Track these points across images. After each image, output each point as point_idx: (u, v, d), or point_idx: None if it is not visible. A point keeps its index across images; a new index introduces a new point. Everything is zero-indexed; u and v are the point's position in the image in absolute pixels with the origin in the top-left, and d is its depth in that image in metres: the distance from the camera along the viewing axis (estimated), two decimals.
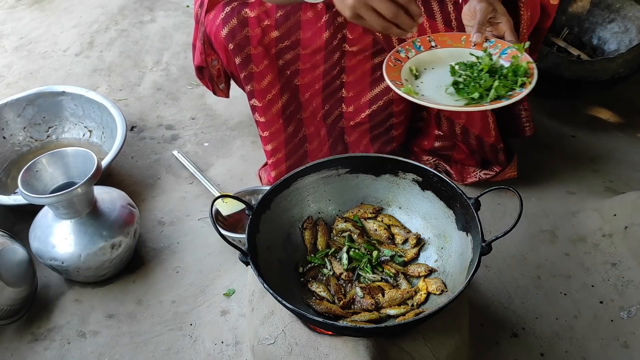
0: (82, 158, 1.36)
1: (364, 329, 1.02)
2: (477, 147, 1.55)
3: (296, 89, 1.44)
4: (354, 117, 1.54)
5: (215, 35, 1.34)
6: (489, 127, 1.49)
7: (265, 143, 1.49)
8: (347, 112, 1.52)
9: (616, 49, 2.02)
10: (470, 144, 1.55)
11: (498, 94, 1.09)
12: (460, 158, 1.64)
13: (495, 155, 1.56)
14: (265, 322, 1.11)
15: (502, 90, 1.09)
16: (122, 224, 1.38)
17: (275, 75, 1.38)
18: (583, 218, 1.54)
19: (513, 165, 1.61)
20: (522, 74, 1.11)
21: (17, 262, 1.33)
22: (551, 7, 1.40)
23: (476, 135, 1.52)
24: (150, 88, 2.14)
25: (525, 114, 1.50)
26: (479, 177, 1.63)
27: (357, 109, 1.52)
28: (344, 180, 1.27)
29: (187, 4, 2.65)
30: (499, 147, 1.53)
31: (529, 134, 1.54)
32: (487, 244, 1.02)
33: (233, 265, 1.46)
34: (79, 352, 1.30)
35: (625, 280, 1.38)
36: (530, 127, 1.53)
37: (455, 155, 1.64)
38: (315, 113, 1.50)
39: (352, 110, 1.51)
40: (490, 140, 1.52)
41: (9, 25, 2.56)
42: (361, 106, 1.52)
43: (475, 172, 1.64)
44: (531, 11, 1.36)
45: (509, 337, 1.29)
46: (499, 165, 1.60)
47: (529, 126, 1.53)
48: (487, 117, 1.47)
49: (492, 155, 1.56)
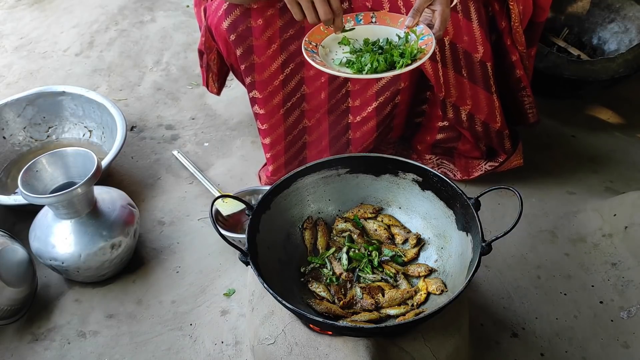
0: (82, 158, 1.36)
1: (364, 329, 1.02)
2: (483, 134, 1.53)
3: (301, 80, 1.43)
4: (360, 112, 1.52)
5: (217, 26, 1.33)
6: (495, 112, 1.48)
7: (264, 136, 1.48)
8: (354, 106, 1.51)
9: (616, 49, 2.02)
10: (477, 130, 1.53)
11: (377, 68, 1.13)
12: (465, 149, 1.62)
13: (501, 141, 1.54)
14: (265, 322, 1.11)
15: (382, 65, 1.13)
16: (122, 224, 1.38)
17: (278, 66, 1.37)
18: (583, 218, 1.54)
19: (518, 152, 1.59)
20: (409, 56, 1.13)
21: (17, 262, 1.33)
22: (545, 1, 1.40)
23: (482, 122, 1.50)
24: (150, 88, 2.14)
25: (528, 100, 1.49)
26: (484, 169, 1.62)
27: (363, 103, 1.50)
28: (344, 180, 1.27)
29: (187, 4, 2.65)
30: (505, 132, 1.52)
31: (532, 120, 1.52)
32: (487, 244, 1.02)
33: (233, 265, 1.46)
34: (79, 352, 1.30)
35: (625, 280, 1.38)
36: (534, 114, 1.52)
37: (460, 147, 1.62)
38: (319, 106, 1.49)
39: (359, 104, 1.50)
40: (496, 127, 1.51)
41: (9, 25, 2.56)
42: (367, 99, 1.50)
43: (481, 164, 1.63)
44: (523, 4, 1.36)
45: (509, 337, 1.29)
46: (504, 154, 1.59)
47: (532, 112, 1.51)
48: (493, 102, 1.46)
49: (498, 141, 1.55)
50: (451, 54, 1.38)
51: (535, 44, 1.49)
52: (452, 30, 1.34)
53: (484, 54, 1.37)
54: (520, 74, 1.47)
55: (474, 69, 1.40)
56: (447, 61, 1.40)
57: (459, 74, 1.42)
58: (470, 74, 1.42)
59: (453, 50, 1.37)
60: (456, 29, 1.34)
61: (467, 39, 1.35)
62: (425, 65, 1.40)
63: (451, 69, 1.41)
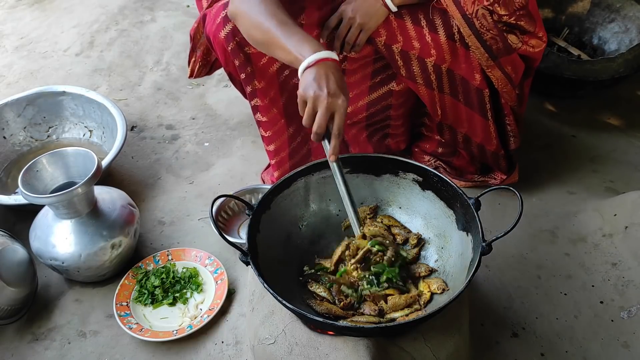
0: (82, 158, 1.36)
1: (364, 329, 1.02)
2: (478, 154, 1.56)
3: (295, 87, 1.44)
4: (351, 118, 1.54)
5: (215, 35, 1.33)
6: (490, 136, 1.49)
7: (267, 143, 1.48)
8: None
9: (616, 49, 2.02)
10: (472, 151, 1.56)
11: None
12: (460, 164, 1.64)
13: (496, 161, 1.56)
14: (266, 322, 1.11)
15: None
16: (123, 224, 1.38)
17: (275, 72, 1.37)
18: (583, 218, 1.54)
19: (515, 173, 1.60)
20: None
21: (17, 262, 1.33)
22: (536, 55, 1.39)
23: (478, 144, 1.52)
24: (150, 88, 2.14)
25: (511, 128, 1.49)
26: (478, 182, 1.64)
27: (355, 111, 1.52)
28: None
29: (187, 3, 2.65)
30: (500, 154, 1.54)
31: (512, 147, 1.54)
32: (488, 244, 1.02)
33: (233, 265, 1.46)
34: (79, 352, 1.30)
35: (625, 280, 1.38)
36: (515, 142, 1.52)
37: (455, 162, 1.64)
38: None
39: (350, 112, 1.51)
40: (491, 148, 1.52)
41: (10, 25, 2.56)
42: (359, 109, 1.52)
43: (474, 178, 1.64)
44: (511, 65, 1.36)
45: (509, 337, 1.29)
46: (499, 172, 1.60)
47: (513, 140, 1.52)
48: (488, 127, 1.47)
49: (493, 161, 1.57)
50: (448, 79, 1.39)
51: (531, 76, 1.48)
52: (449, 57, 1.34)
53: (480, 82, 1.38)
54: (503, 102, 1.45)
55: (471, 95, 1.41)
56: (444, 87, 1.41)
57: (456, 98, 1.43)
58: (466, 100, 1.43)
59: (450, 77, 1.39)
60: (454, 57, 1.34)
61: (464, 66, 1.36)
62: (421, 91, 1.41)
63: (448, 94, 1.42)
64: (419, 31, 1.32)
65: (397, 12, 1.31)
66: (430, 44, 1.33)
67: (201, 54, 1.56)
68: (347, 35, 1.32)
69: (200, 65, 1.58)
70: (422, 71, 1.37)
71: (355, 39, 1.32)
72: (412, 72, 1.38)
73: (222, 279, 1.39)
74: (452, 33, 1.31)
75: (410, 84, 1.41)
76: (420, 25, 1.31)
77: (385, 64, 1.43)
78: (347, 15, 1.30)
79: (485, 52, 1.32)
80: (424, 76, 1.38)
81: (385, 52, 1.36)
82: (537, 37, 1.37)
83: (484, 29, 1.30)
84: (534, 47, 1.37)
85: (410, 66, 1.37)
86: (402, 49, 1.34)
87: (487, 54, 1.32)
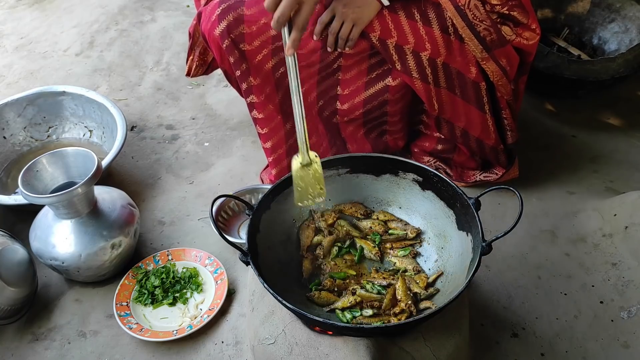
0: (82, 158, 1.36)
1: (365, 329, 1.02)
2: (478, 149, 1.55)
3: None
4: (347, 114, 1.54)
5: (210, 32, 1.33)
6: (488, 129, 1.49)
7: (264, 140, 1.48)
8: (342, 109, 1.52)
9: (616, 49, 2.02)
10: (471, 146, 1.55)
11: None
12: (461, 161, 1.64)
13: (495, 156, 1.56)
14: (266, 322, 1.11)
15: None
16: (123, 224, 1.38)
17: (269, 69, 1.37)
18: (583, 218, 1.54)
19: (515, 167, 1.61)
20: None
21: (17, 262, 1.33)
22: (530, 47, 1.40)
23: (476, 138, 1.52)
24: (150, 88, 2.14)
25: (507, 122, 1.50)
26: (479, 179, 1.64)
27: (351, 108, 1.52)
28: (344, 180, 1.27)
29: (187, 3, 2.66)
30: (499, 148, 1.54)
31: (510, 141, 1.54)
32: (488, 244, 1.02)
33: (233, 265, 1.46)
34: (79, 351, 1.30)
35: (625, 280, 1.38)
36: (512, 136, 1.53)
37: (456, 158, 1.64)
38: (310, 108, 1.50)
39: (346, 108, 1.51)
40: (490, 143, 1.52)
41: (9, 25, 2.56)
42: (355, 105, 1.52)
43: (475, 174, 1.64)
44: (506, 58, 1.37)
45: (509, 337, 1.29)
46: (499, 167, 1.60)
47: (511, 134, 1.52)
48: (486, 121, 1.47)
49: (492, 156, 1.57)
50: (444, 73, 1.39)
51: (526, 73, 1.49)
52: (444, 51, 1.34)
53: (476, 75, 1.38)
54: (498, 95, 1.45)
55: (467, 89, 1.41)
56: (439, 81, 1.41)
57: (452, 92, 1.43)
58: (463, 93, 1.43)
59: (446, 70, 1.39)
60: (448, 50, 1.35)
61: (459, 59, 1.36)
62: (417, 85, 1.41)
63: (444, 88, 1.42)
64: (413, 25, 1.32)
65: (390, 6, 1.31)
66: (424, 38, 1.33)
67: (199, 53, 1.56)
68: (340, 30, 1.32)
69: (197, 65, 1.59)
70: (418, 65, 1.37)
71: (348, 33, 1.32)
72: (407, 66, 1.38)
73: (222, 279, 1.39)
74: (446, 26, 1.31)
75: (406, 78, 1.41)
76: (414, 19, 1.32)
77: (380, 59, 1.43)
78: (340, 9, 1.30)
79: (479, 44, 1.32)
80: (420, 70, 1.38)
81: (380, 47, 1.36)
82: (531, 30, 1.37)
83: (477, 20, 1.30)
84: (527, 40, 1.37)
85: (406, 60, 1.37)
86: (397, 44, 1.34)
87: (481, 46, 1.33)
